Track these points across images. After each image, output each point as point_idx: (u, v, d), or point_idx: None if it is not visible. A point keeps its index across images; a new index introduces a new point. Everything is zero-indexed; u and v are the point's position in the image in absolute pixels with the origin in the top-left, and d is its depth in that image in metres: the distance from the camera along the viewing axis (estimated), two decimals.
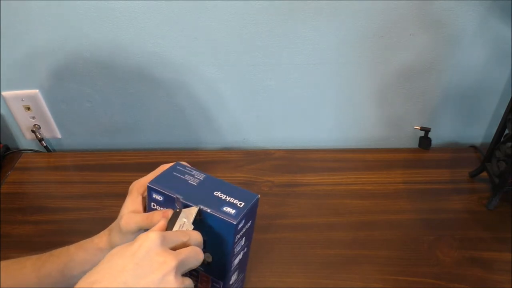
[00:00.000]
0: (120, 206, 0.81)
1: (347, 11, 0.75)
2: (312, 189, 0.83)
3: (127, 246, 0.43)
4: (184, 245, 0.46)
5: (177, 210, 0.49)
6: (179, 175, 0.54)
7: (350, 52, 0.81)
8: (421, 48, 0.80)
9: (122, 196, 0.84)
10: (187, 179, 0.53)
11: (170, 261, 0.42)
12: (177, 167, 0.55)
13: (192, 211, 0.49)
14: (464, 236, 0.73)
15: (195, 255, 0.45)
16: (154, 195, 0.52)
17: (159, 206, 0.53)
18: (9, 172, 0.90)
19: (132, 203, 0.54)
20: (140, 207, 0.54)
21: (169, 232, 0.46)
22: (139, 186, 0.55)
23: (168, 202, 0.52)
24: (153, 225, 0.48)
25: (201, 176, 0.54)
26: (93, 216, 0.79)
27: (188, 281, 0.45)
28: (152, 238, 0.43)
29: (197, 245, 0.47)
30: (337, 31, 0.78)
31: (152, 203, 0.53)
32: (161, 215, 0.49)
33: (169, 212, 0.49)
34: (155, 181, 0.53)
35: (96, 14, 0.77)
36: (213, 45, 0.81)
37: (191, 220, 0.49)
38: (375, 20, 0.77)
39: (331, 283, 0.67)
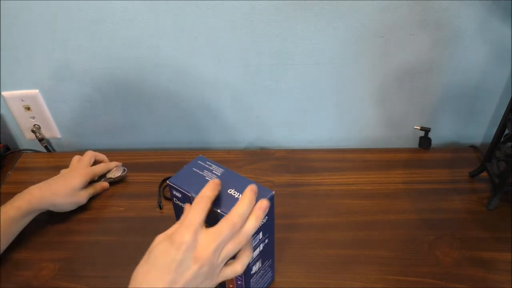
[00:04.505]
0: (120, 205, 0.81)
1: (347, 11, 0.75)
2: (312, 189, 0.83)
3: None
4: None
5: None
6: (198, 171, 0.56)
7: (350, 52, 0.81)
8: (421, 48, 0.80)
9: (122, 196, 0.84)
10: (205, 175, 0.55)
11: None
12: (198, 161, 0.57)
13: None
14: (464, 236, 0.73)
15: None
16: (174, 192, 0.55)
17: (180, 202, 0.56)
18: (9, 172, 0.90)
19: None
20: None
21: None
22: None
23: (185, 198, 0.54)
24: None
25: (219, 171, 0.56)
26: (93, 216, 0.79)
27: None
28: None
29: None
30: (337, 31, 0.78)
31: (174, 198, 0.56)
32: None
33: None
34: (174, 178, 0.55)
35: (96, 14, 0.77)
36: (213, 45, 0.81)
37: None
38: (375, 20, 0.77)
39: (331, 283, 0.67)
